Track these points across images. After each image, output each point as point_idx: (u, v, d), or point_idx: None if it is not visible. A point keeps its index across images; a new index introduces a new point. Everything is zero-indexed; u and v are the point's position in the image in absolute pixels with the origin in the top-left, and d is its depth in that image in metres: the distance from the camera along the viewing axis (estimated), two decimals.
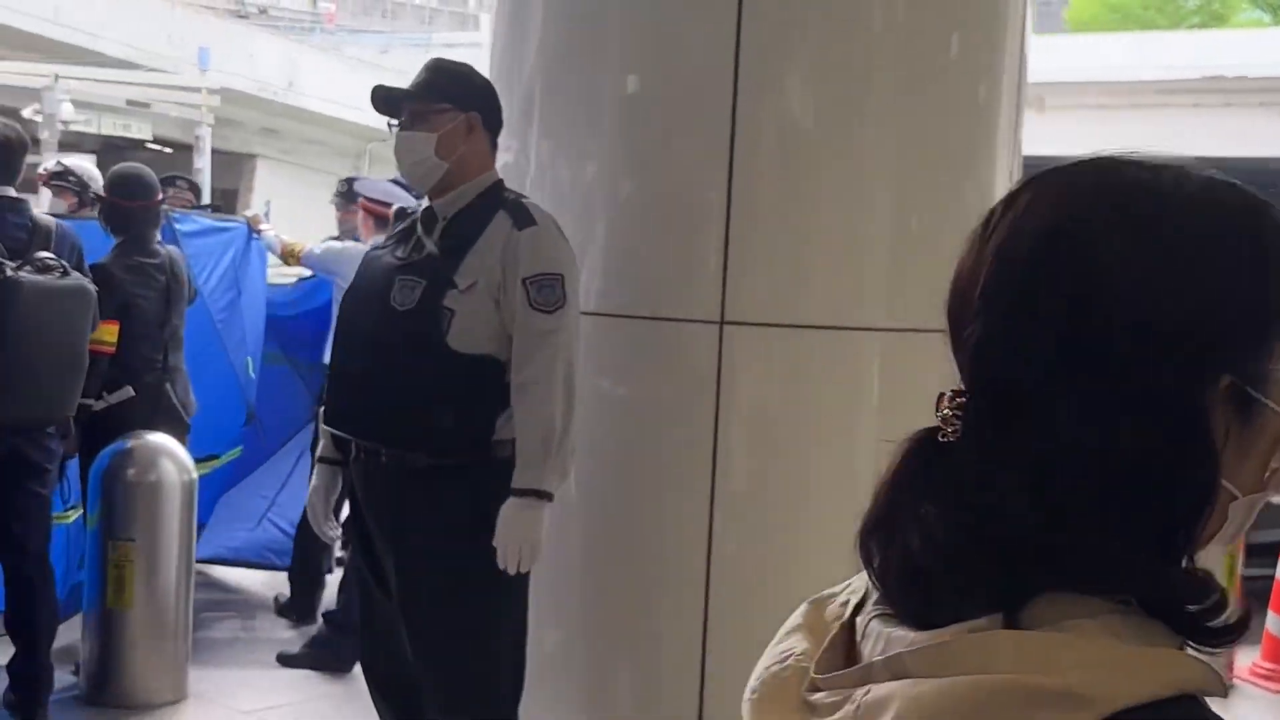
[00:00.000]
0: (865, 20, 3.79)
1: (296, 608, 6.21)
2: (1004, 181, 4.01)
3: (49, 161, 6.46)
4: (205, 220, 6.31)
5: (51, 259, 4.56)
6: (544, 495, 3.29)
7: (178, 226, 5.52)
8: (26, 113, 21.67)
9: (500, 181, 3.54)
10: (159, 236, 5.37)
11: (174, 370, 5.36)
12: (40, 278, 4.49)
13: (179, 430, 5.29)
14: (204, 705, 4.95)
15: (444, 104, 3.46)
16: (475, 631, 3.36)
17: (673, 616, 3.74)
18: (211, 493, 6.52)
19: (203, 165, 23.47)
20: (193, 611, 6.27)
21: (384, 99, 3.50)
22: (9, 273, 4.41)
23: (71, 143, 27.43)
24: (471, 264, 3.33)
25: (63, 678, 5.00)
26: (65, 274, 4.58)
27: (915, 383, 3.77)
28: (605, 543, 3.82)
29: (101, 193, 5.37)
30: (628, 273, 3.80)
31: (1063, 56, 36.71)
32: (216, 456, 6.37)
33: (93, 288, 4.69)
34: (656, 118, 3.80)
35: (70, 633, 5.08)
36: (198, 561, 6.82)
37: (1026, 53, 4.07)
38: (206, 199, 23.78)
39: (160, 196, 5.35)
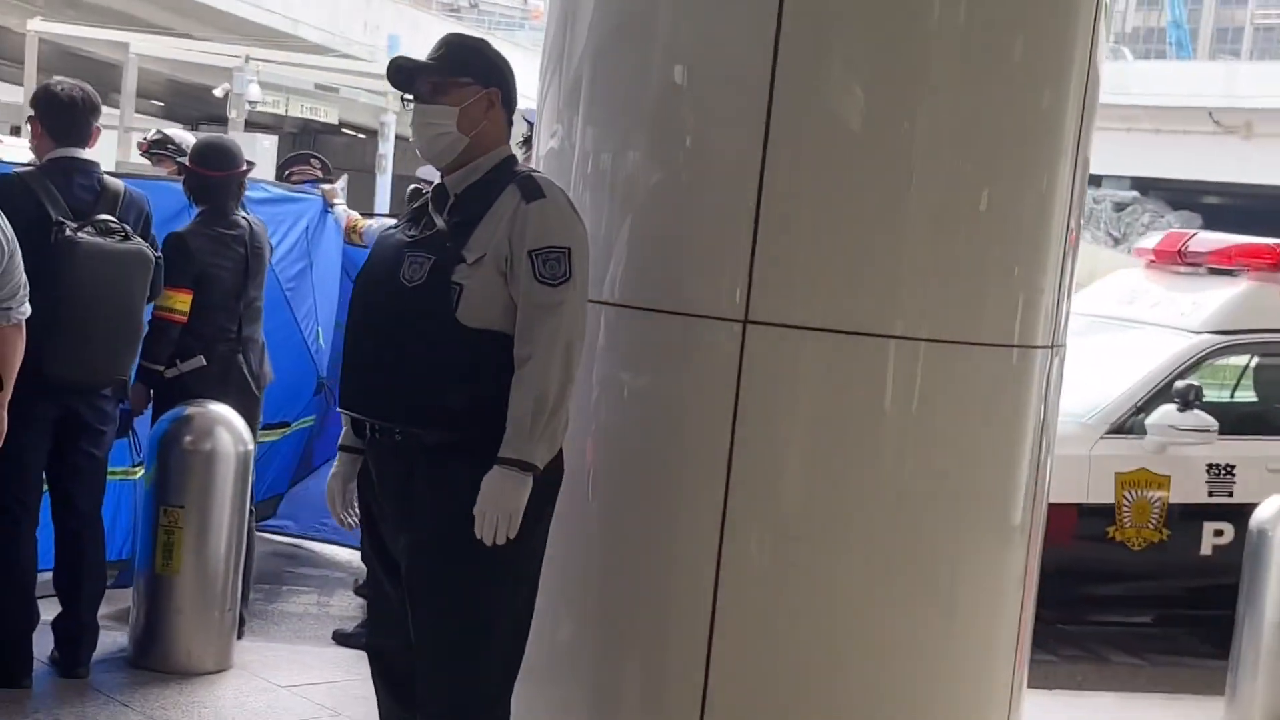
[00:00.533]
0: (921, 14, 3.62)
1: None
2: (1064, 195, 3.80)
3: (150, 131, 6.55)
4: (276, 190, 6.34)
5: (113, 222, 4.59)
6: (529, 467, 3.21)
7: (246, 194, 5.55)
8: (217, 92, 22.38)
9: (512, 157, 3.48)
10: (241, 208, 5.39)
11: (249, 341, 5.38)
12: (98, 240, 4.53)
13: (249, 402, 5.30)
14: (244, 676, 4.95)
15: (465, 78, 3.39)
16: (479, 612, 3.30)
17: (680, 612, 3.64)
18: (284, 460, 6.58)
19: (386, 151, 23.88)
20: (274, 584, 6.39)
21: (401, 71, 3.43)
22: (68, 233, 4.46)
23: (265, 123, 28.28)
24: (480, 237, 3.27)
25: (119, 639, 5.06)
26: (126, 238, 4.62)
27: (947, 396, 3.66)
28: (618, 534, 3.73)
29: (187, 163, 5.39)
30: (655, 265, 3.69)
31: (1277, 83, 35.54)
32: (287, 424, 6.42)
33: (152, 254, 4.71)
34: (694, 108, 3.68)
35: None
36: (294, 536, 6.96)
37: (1097, 67, 3.85)
38: (388, 186, 24.26)
39: (244, 168, 5.37)
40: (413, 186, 3.62)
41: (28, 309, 4.19)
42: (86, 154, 4.69)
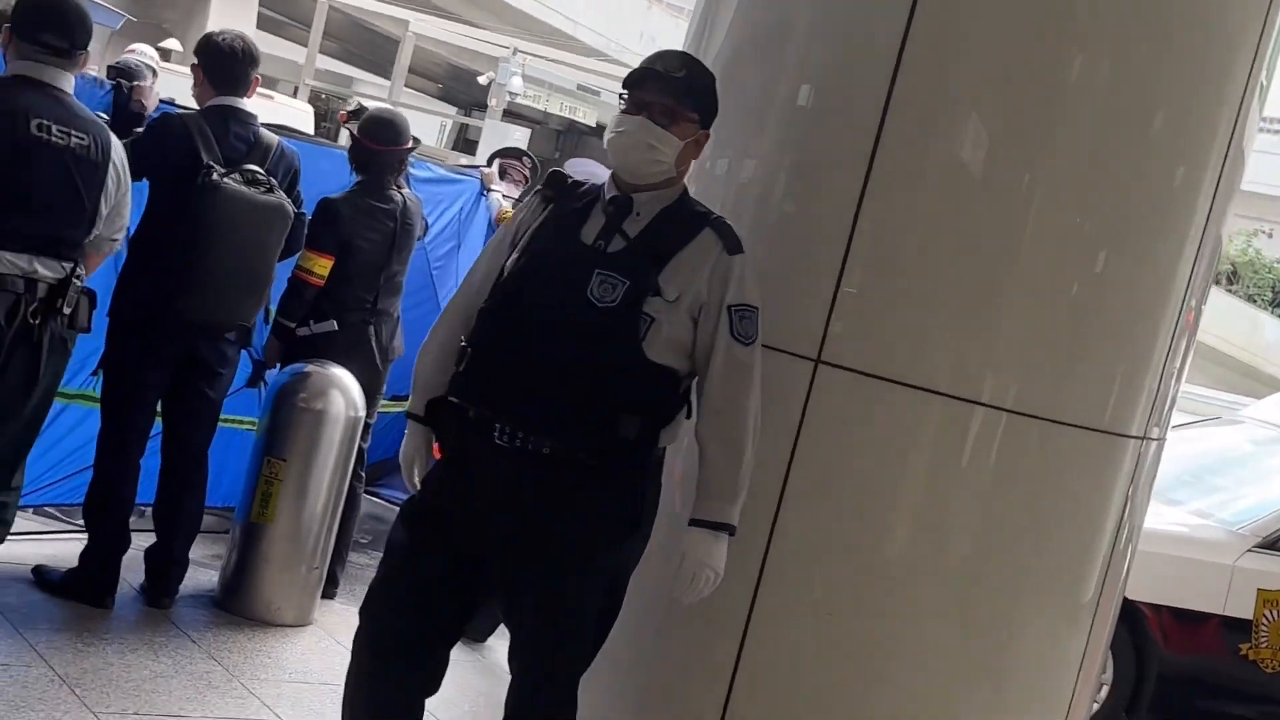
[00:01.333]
0: (1059, 69, 3.46)
1: None
2: (1185, 274, 3.60)
3: (350, 103, 6.73)
4: (441, 170, 6.42)
5: (260, 173, 4.71)
6: (732, 530, 3.24)
7: (413, 171, 5.62)
8: (481, 80, 22.95)
9: (686, 189, 3.40)
10: (401, 183, 5.47)
11: (383, 314, 5.44)
12: (242, 188, 4.65)
13: (372, 373, 5.37)
14: (318, 635, 5.02)
15: (695, 114, 3.30)
16: (589, 617, 3.30)
17: (711, 639, 3.58)
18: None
19: None
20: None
21: (649, 78, 3.27)
22: (214, 177, 4.59)
23: (534, 118, 28.84)
24: (677, 276, 3.21)
25: (215, 579, 5.18)
26: (270, 190, 4.73)
27: (1027, 471, 3.50)
28: (665, 551, 3.65)
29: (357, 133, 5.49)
30: None
31: None
32: None
33: (292, 209, 4.82)
34: (808, 132, 3.61)
35: None
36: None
37: (1241, 149, 3.63)
38: None
39: (407, 145, 5.45)
40: (554, 170, 3.52)
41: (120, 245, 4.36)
42: (245, 104, 4.82)
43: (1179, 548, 6.00)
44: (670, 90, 3.26)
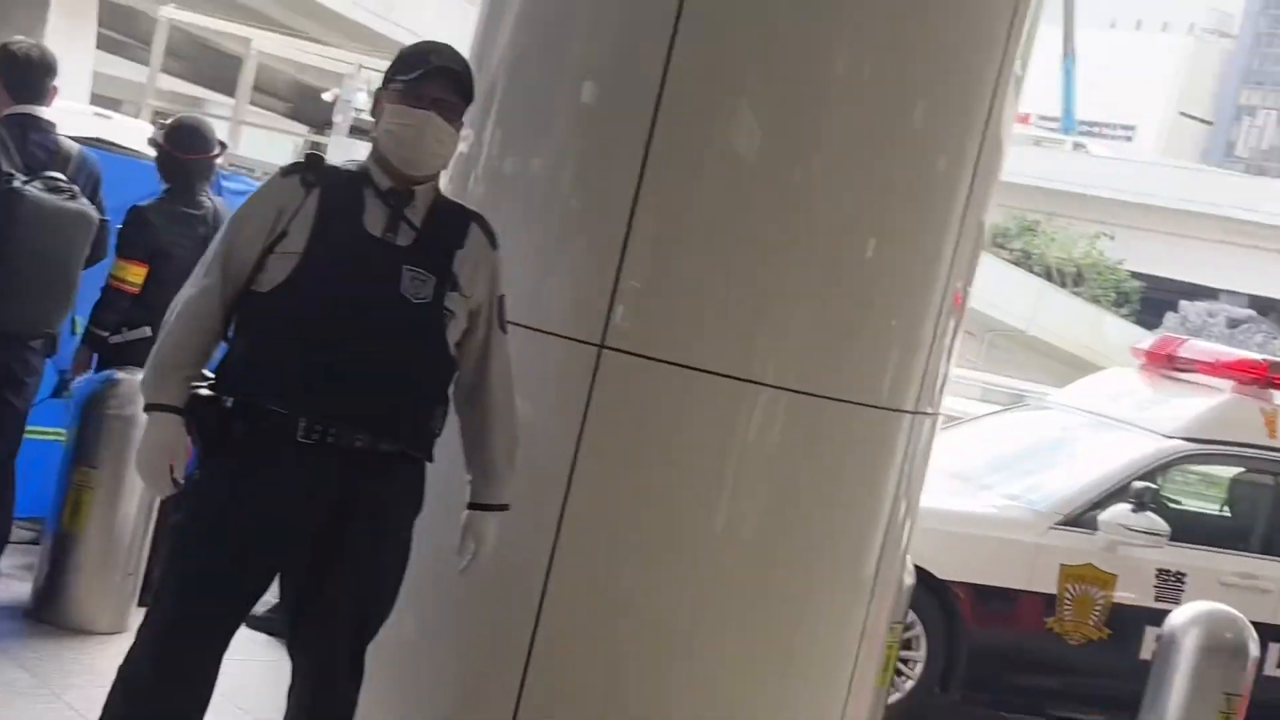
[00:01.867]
0: (823, 64, 3.63)
1: None
2: (948, 260, 3.79)
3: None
4: (254, 181, 6.45)
5: (62, 181, 4.71)
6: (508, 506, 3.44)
7: (225, 184, 5.66)
8: (326, 96, 22.89)
9: None
10: (209, 190, 5.50)
11: None
12: (44, 195, 4.65)
13: None
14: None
15: (465, 108, 3.37)
16: (396, 591, 3.42)
17: (506, 622, 3.67)
18: None
19: None
20: None
21: (439, 78, 3.28)
22: (15, 185, 4.59)
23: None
24: (465, 272, 3.31)
25: (24, 589, 5.16)
26: (73, 198, 4.74)
27: (807, 448, 3.65)
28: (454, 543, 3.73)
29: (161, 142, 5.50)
30: (526, 279, 3.69)
31: None
32: None
33: (96, 217, 4.82)
34: (587, 130, 3.73)
35: None
36: None
37: (998, 138, 3.83)
38: None
39: (215, 152, 5.48)
40: (313, 154, 3.53)
41: None
42: (45, 113, 4.83)
43: (986, 528, 6.23)
44: (459, 88, 3.33)
